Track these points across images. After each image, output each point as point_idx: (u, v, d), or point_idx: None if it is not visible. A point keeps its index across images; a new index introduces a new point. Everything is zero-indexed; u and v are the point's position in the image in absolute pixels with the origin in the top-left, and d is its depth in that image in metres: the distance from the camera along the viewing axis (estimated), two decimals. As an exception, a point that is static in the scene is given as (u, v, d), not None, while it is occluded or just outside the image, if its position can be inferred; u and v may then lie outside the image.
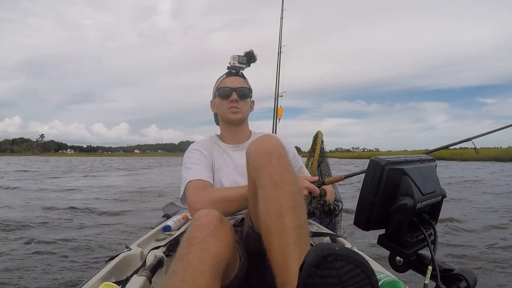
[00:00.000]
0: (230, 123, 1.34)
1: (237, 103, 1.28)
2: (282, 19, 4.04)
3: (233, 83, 1.30)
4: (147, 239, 1.37)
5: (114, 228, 3.83)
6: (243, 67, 1.35)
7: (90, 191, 7.77)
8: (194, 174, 1.17)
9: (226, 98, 1.29)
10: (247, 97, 1.32)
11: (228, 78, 1.32)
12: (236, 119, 1.30)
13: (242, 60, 1.32)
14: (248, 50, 1.33)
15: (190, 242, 0.71)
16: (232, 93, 1.28)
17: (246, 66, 1.35)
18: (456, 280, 0.58)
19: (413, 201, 0.58)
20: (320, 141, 2.12)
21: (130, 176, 13.57)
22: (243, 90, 1.30)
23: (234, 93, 1.28)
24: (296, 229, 0.71)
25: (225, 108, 1.29)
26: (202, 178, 1.16)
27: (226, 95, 1.29)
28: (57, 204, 5.48)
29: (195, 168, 1.19)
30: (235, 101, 1.28)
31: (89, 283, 0.92)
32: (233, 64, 1.33)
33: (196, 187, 1.13)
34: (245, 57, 1.33)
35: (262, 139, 0.86)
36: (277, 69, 3.73)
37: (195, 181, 1.14)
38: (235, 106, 1.28)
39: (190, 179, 1.15)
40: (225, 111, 1.30)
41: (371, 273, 0.47)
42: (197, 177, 1.16)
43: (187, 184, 1.15)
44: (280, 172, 0.78)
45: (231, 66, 1.34)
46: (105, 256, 1.57)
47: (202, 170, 1.19)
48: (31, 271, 2.40)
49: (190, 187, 1.14)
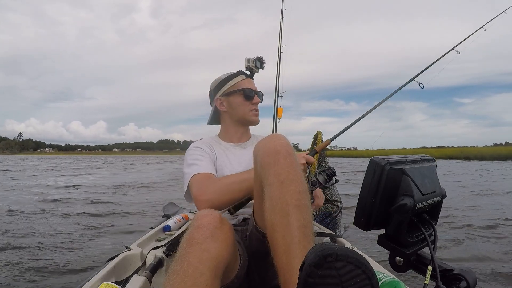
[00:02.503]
0: (247, 124, 1.37)
1: (257, 106, 1.34)
2: (282, 19, 4.03)
3: (252, 85, 1.33)
4: (147, 239, 1.37)
5: (114, 228, 3.83)
6: (257, 71, 1.38)
7: (90, 190, 7.78)
8: (198, 168, 1.16)
9: (250, 100, 1.31)
10: (262, 101, 1.37)
11: (247, 80, 1.34)
12: (257, 121, 1.36)
13: (258, 64, 1.36)
14: (259, 56, 1.37)
15: (190, 243, 0.71)
16: (255, 95, 1.31)
17: (258, 70, 1.38)
18: (456, 280, 0.58)
19: (413, 201, 0.58)
20: (320, 141, 2.12)
21: (130, 175, 13.57)
22: (261, 94, 1.36)
23: (256, 95, 1.32)
24: (300, 228, 0.71)
25: (247, 109, 1.31)
26: (206, 171, 1.16)
27: (250, 97, 1.30)
28: (57, 204, 5.49)
29: (198, 163, 1.19)
30: (257, 104, 1.33)
31: (89, 283, 0.92)
32: (251, 67, 1.34)
33: (200, 179, 1.12)
34: (259, 62, 1.36)
35: (270, 138, 0.87)
36: (277, 69, 3.73)
37: (199, 174, 1.14)
38: (257, 109, 1.34)
39: (193, 173, 1.15)
40: (247, 112, 1.32)
41: (371, 273, 0.47)
42: (200, 170, 1.15)
43: (191, 179, 1.14)
44: (287, 171, 0.78)
45: (249, 68, 1.35)
46: (105, 256, 1.57)
47: (205, 165, 1.19)
48: (31, 271, 2.40)
49: (195, 181, 1.13)
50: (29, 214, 4.53)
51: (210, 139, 1.37)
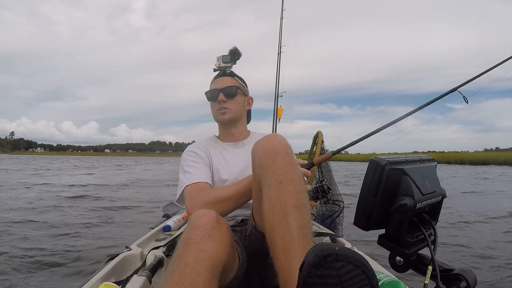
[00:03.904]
0: (222, 124, 1.35)
1: (225, 104, 1.28)
2: (282, 19, 4.04)
3: (219, 84, 1.30)
4: (147, 239, 1.37)
5: (114, 228, 3.83)
6: (229, 65, 1.35)
7: (90, 190, 7.78)
8: (190, 177, 1.16)
9: (214, 100, 1.29)
10: (235, 95, 1.30)
11: (215, 80, 1.33)
12: (225, 120, 1.30)
13: (226, 59, 1.33)
14: (231, 48, 1.34)
15: (187, 243, 0.71)
16: (218, 94, 1.28)
17: (232, 63, 1.35)
18: (456, 280, 0.58)
19: (413, 201, 0.58)
20: (321, 141, 2.11)
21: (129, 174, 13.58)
22: (229, 89, 1.29)
23: (221, 93, 1.27)
24: (299, 228, 0.71)
25: (215, 110, 1.30)
26: (198, 180, 1.15)
27: (214, 97, 1.29)
28: (57, 204, 5.49)
29: (192, 171, 1.18)
30: (223, 102, 1.28)
31: (89, 283, 0.92)
32: (218, 65, 1.33)
33: (191, 191, 1.12)
34: (228, 56, 1.33)
35: (268, 138, 0.86)
36: (277, 69, 3.73)
37: (191, 185, 1.14)
38: (223, 107, 1.28)
39: (187, 183, 1.15)
40: (215, 112, 1.31)
41: (371, 273, 0.47)
42: (193, 180, 1.15)
43: (185, 189, 1.15)
44: (286, 171, 0.78)
45: (217, 67, 1.34)
46: (105, 256, 1.58)
47: (199, 172, 1.18)
48: (31, 271, 2.40)
49: (187, 192, 1.13)
50: (29, 214, 4.53)
51: (207, 140, 1.37)
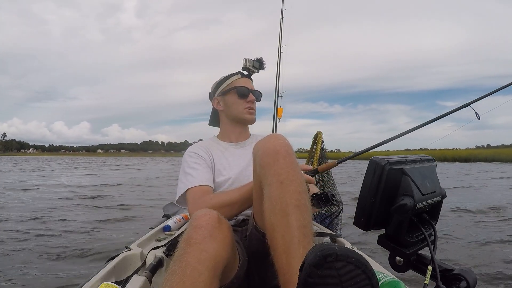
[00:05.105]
0: (242, 123, 1.35)
1: (252, 104, 1.32)
2: (282, 19, 4.03)
3: (248, 84, 1.32)
4: (147, 239, 1.37)
5: (114, 228, 3.83)
6: (255, 72, 1.37)
7: (90, 190, 7.77)
8: (193, 180, 1.16)
9: (244, 98, 1.30)
10: (259, 101, 1.36)
11: (243, 79, 1.33)
12: (251, 120, 1.34)
13: (256, 64, 1.35)
14: (259, 57, 1.36)
15: (188, 243, 0.71)
16: (249, 93, 1.30)
17: (257, 71, 1.38)
18: (456, 280, 0.58)
19: (413, 201, 0.58)
20: (321, 141, 2.11)
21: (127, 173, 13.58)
22: (258, 93, 1.34)
23: (251, 94, 1.30)
24: (300, 228, 0.71)
25: (241, 107, 1.30)
26: (200, 183, 1.15)
27: (245, 95, 1.29)
28: (56, 204, 5.48)
29: (194, 173, 1.18)
30: (252, 102, 1.31)
31: (89, 283, 0.92)
32: (248, 66, 1.34)
33: (194, 195, 1.12)
34: (258, 62, 1.35)
35: (269, 138, 0.86)
36: (277, 69, 3.73)
37: (194, 188, 1.14)
38: (252, 107, 1.32)
39: (189, 186, 1.15)
40: (241, 110, 1.31)
41: (371, 273, 0.47)
42: (195, 183, 1.15)
43: (187, 192, 1.15)
44: (287, 171, 0.78)
45: (246, 68, 1.35)
46: (105, 256, 1.58)
47: (201, 175, 1.18)
48: (31, 271, 2.40)
49: (189, 196, 1.13)
50: (28, 215, 4.53)
51: (208, 141, 1.37)
